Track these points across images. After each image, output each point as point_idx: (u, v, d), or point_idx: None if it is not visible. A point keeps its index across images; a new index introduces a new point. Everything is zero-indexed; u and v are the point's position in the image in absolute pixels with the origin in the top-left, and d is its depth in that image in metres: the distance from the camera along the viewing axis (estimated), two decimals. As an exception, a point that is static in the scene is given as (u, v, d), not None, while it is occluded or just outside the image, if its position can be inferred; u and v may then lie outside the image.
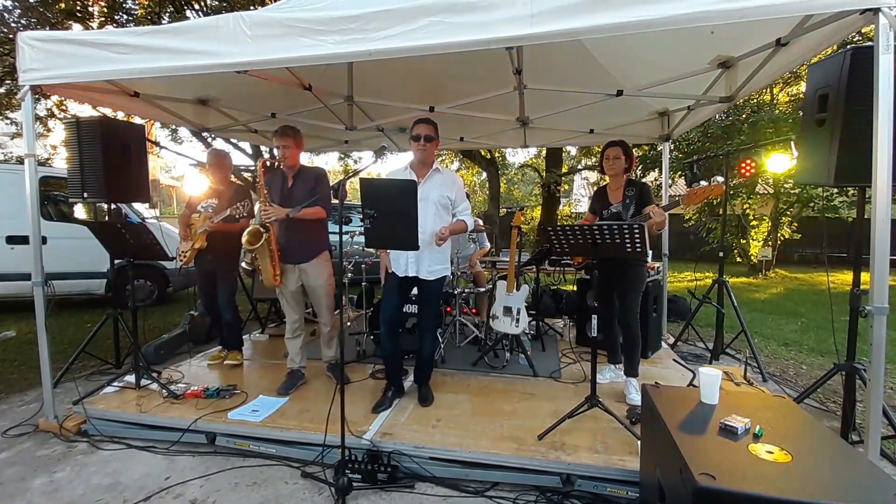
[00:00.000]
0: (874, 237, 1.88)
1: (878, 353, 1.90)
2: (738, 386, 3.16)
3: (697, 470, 1.22)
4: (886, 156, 1.85)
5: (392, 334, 2.87)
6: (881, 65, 1.84)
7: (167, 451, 2.64)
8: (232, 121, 4.48)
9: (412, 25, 2.14)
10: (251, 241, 2.89)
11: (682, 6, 1.90)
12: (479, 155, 14.06)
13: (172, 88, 3.79)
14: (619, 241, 2.31)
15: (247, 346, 4.30)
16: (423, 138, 2.73)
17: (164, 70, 2.48)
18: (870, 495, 1.14)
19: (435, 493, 2.24)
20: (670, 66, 3.47)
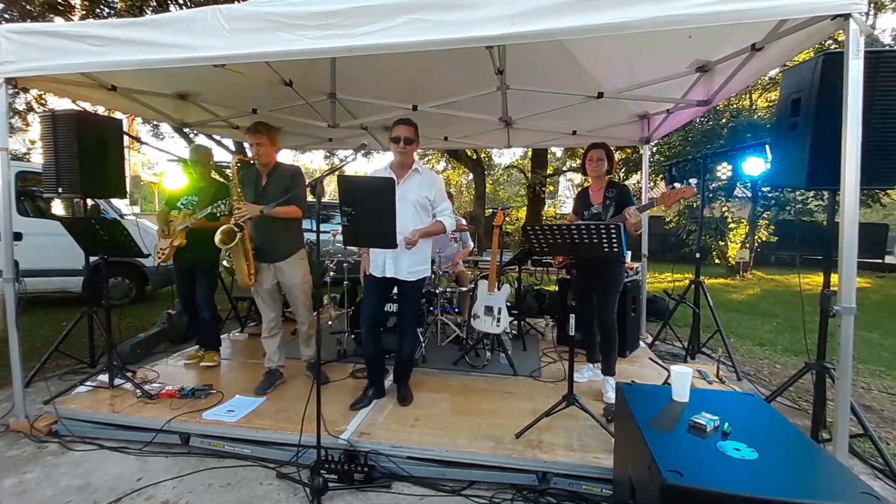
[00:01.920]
0: (842, 240, 1.93)
1: (846, 352, 1.95)
2: (711, 384, 3.22)
3: (666, 467, 1.23)
4: (854, 160, 1.90)
5: (373, 335, 2.85)
6: (851, 69, 1.89)
7: (140, 452, 2.58)
8: (212, 116, 4.40)
9: (392, 22, 2.13)
10: (225, 241, 2.83)
11: (659, 9, 1.93)
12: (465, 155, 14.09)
13: (151, 82, 3.71)
14: (596, 241, 2.33)
15: (226, 345, 4.24)
16: (403, 140, 2.70)
17: (139, 63, 2.43)
18: (834, 493, 1.17)
19: (412, 493, 2.23)
20: (650, 69, 3.53)
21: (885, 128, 2.28)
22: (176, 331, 4.53)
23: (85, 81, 3.20)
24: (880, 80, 2.25)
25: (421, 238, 2.68)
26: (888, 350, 5.39)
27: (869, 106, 2.24)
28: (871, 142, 2.24)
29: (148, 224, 6.42)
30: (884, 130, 2.28)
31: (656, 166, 12.03)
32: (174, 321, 4.53)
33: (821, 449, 1.40)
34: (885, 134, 2.29)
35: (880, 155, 2.31)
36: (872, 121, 2.25)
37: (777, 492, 1.15)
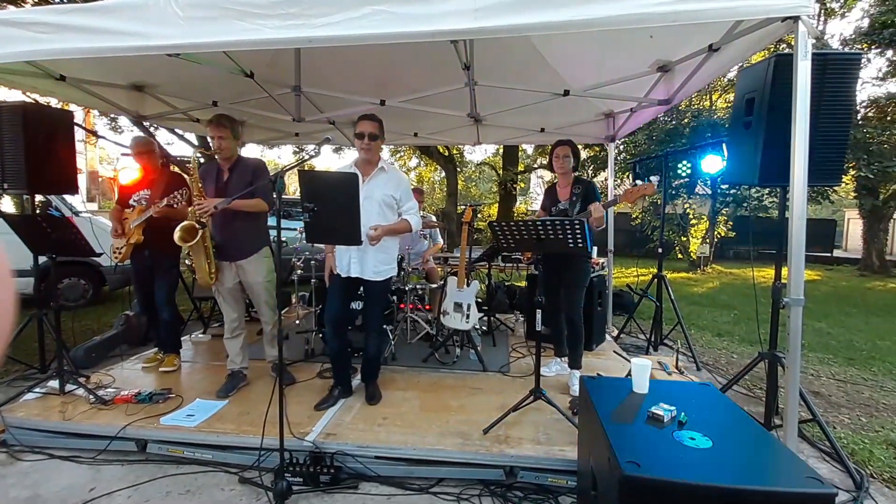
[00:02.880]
0: (791, 234, 2.01)
1: (795, 341, 2.04)
2: (670, 375, 3.32)
3: (624, 458, 1.26)
4: (802, 158, 1.99)
5: (338, 334, 2.80)
6: (799, 70, 1.97)
7: (93, 461, 2.45)
8: (170, 108, 4.22)
9: (355, 13, 2.08)
10: (185, 238, 2.71)
11: (620, 7, 1.96)
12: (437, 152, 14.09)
13: (103, 72, 3.53)
14: (561, 236, 2.36)
15: (187, 347, 4.08)
16: (368, 136, 2.64)
17: (88, 51, 2.29)
18: (783, 478, 1.22)
19: (379, 493, 2.21)
20: (614, 68, 3.60)
21: (832, 128, 2.41)
22: (134, 333, 4.34)
23: (31, 71, 3.01)
24: (827, 82, 2.36)
25: (385, 235, 2.64)
26: (836, 339, 5.71)
27: (817, 107, 2.35)
28: (818, 141, 2.36)
29: (105, 222, 6.11)
30: (830, 130, 2.41)
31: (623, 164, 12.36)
32: (132, 323, 4.34)
33: (770, 436, 1.46)
34: (832, 134, 2.41)
35: (827, 153, 2.43)
36: (820, 121, 2.37)
37: (729, 479, 1.19)
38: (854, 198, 12.54)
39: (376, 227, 2.57)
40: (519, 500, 2.14)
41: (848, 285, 10.90)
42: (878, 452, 2.65)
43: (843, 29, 30.97)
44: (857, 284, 11.07)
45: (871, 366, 4.59)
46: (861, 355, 4.96)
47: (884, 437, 2.90)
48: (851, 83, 2.37)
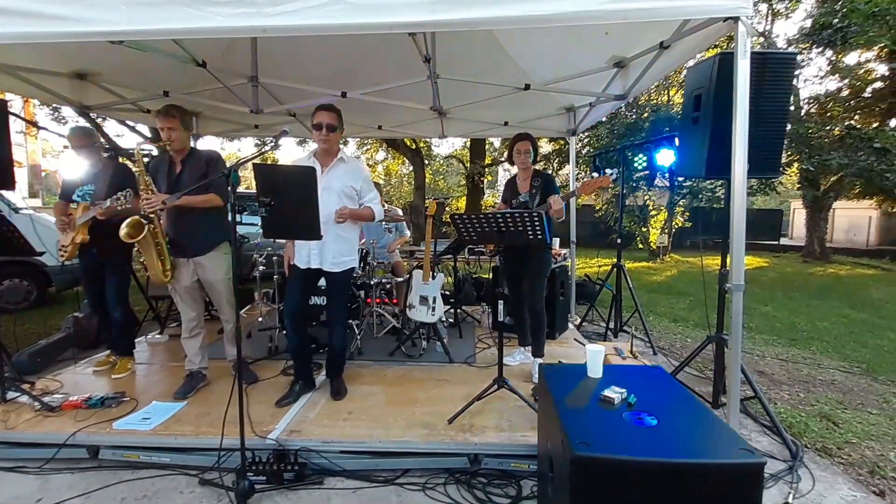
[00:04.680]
0: (732, 224, 2.13)
1: (737, 324, 2.17)
2: (625, 359, 3.46)
3: (576, 439, 1.32)
4: (742, 151, 2.11)
5: (297, 327, 2.76)
6: (739, 68, 2.08)
7: (40, 471, 2.33)
8: (117, 98, 4.00)
9: (312, 3, 2.04)
10: (131, 234, 2.59)
11: (573, 4, 2.01)
12: (403, 145, 13.97)
13: (39, 58, 3.29)
14: (521, 228, 2.41)
15: (143, 349, 3.93)
16: (326, 127, 2.60)
17: (18, 36, 2.13)
18: (720, 451, 1.31)
19: (345, 487, 2.21)
20: (573, 63, 3.68)
21: (770, 123, 2.56)
22: (84, 336, 4.12)
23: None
24: (766, 81, 2.50)
25: (351, 218, 2.62)
26: (780, 321, 6.09)
27: (757, 104, 2.49)
28: (758, 136, 2.50)
29: (48, 218, 5.75)
30: (769, 125, 2.56)
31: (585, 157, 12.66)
32: (82, 325, 4.12)
33: (711, 413, 1.56)
34: (770, 129, 2.56)
35: (766, 147, 2.59)
36: (760, 117, 2.51)
37: (670, 455, 1.27)
38: (797, 189, 13.33)
39: (343, 207, 2.56)
40: (483, 486, 2.19)
41: (792, 271, 11.63)
42: (813, 424, 2.87)
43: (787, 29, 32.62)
44: (801, 270, 11.83)
45: (810, 345, 4.93)
46: (802, 336, 5.32)
47: (818, 410, 3.14)
48: (788, 81, 2.52)
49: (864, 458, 2.51)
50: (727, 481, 1.23)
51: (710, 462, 1.24)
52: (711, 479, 1.23)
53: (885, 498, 2.17)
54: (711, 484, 1.23)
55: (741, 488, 1.22)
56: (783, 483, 2.24)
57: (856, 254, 15.00)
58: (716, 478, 1.23)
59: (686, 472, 1.23)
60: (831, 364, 4.32)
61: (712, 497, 1.23)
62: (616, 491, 1.26)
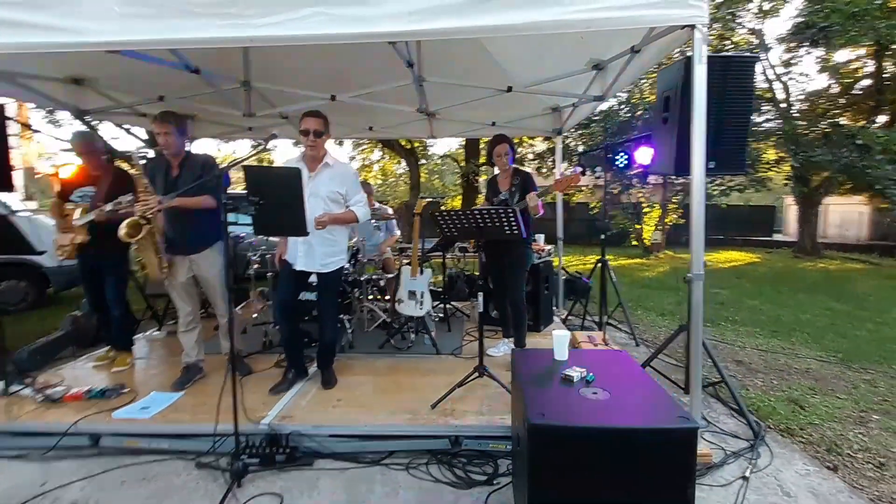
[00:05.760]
0: (692, 218, 2.28)
1: (697, 311, 2.31)
2: (597, 346, 3.59)
3: (534, 411, 1.46)
4: (700, 150, 2.25)
5: (287, 318, 2.90)
6: (696, 73, 2.22)
7: (43, 458, 2.47)
8: (113, 103, 4.12)
9: (295, 14, 2.17)
10: (131, 234, 2.73)
11: (542, 14, 2.14)
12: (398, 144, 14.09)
13: (36, 64, 3.42)
14: (497, 224, 2.55)
15: (142, 345, 4.06)
16: (312, 133, 2.71)
17: (19, 46, 2.26)
18: (661, 418, 1.46)
19: (333, 468, 2.35)
20: (554, 66, 3.81)
21: (734, 122, 2.70)
22: (83, 334, 4.24)
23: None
24: (729, 82, 2.65)
25: (331, 223, 2.75)
26: (765, 314, 6.25)
27: (722, 103, 2.64)
28: (723, 134, 2.65)
29: (45, 220, 5.86)
30: (733, 124, 2.70)
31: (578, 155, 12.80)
32: (81, 323, 4.24)
33: (660, 388, 1.70)
34: (734, 127, 2.70)
35: (732, 145, 2.73)
36: (724, 116, 2.66)
37: (616, 421, 1.41)
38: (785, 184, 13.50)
39: (324, 214, 2.69)
40: (463, 465, 2.33)
41: (783, 266, 11.80)
42: (780, 408, 3.02)
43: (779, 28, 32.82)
44: (791, 265, 12.00)
45: (791, 336, 5.09)
46: (785, 328, 5.47)
47: (788, 395, 3.29)
48: (749, 82, 2.67)
49: (824, 437, 2.67)
50: (665, 444, 1.37)
51: (649, 427, 1.38)
52: (651, 441, 1.38)
53: (838, 472, 2.32)
54: (651, 445, 1.38)
55: (677, 449, 1.36)
56: (743, 460, 2.39)
57: (847, 249, 15.19)
58: (655, 440, 1.38)
59: (628, 435, 1.37)
60: (809, 354, 4.48)
61: (652, 456, 1.38)
62: (569, 454, 1.40)
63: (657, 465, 1.38)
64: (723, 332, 5.29)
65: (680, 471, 1.38)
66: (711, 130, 2.64)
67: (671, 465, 1.38)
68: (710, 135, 2.63)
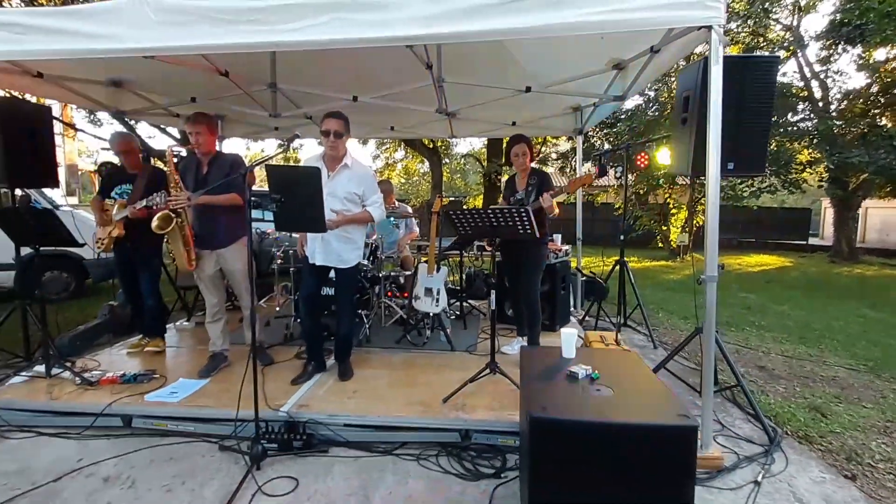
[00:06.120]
0: (707, 218, 2.26)
1: (710, 314, 2.30)
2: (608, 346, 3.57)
3: (536, 405, 1.50)
4: (716, 151, 2.23)
5: (310, 313, 3.03)
6: (712, 74, 2.21)
7: (80, 436, 2.64)
8: (149, 104, 4.34)
9: (317, 20, 2.26)
10: (161, 226, 2.91)
11: (557, 16, 2.16)
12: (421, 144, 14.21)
13: (81, 69, 3.63)
14: (511, 223, 2.59)
15: (173, 334, 4.27)
16: (333, 134, 2.81)
17: (65, 52, 2.44)
18: (660, 415, 1.48)
19: (347, 455, 2.45)
20: (575, 66, 3.81)
21: (754, 123, 2.66)
22: (119, 322, 4.48)
23: (8, 68, 3.13)
24: (750, 82, 2.61)
25: (343, 223, 2.84)
26: (793, 320, 6.06)
27: (742, 104, 2.61)
28: (743, 135, 2.62)
29: (86, 215, 6.20)
30: (753, 125, 2.66)
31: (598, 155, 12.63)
32: (117, 313, 4.48)
33: (664, 387, 1.71)
34: (754, 128, 2.66)
35: (752, 146, 2.69)
36: (745, 117, 2.63)
37: (616, 417, 1.44)
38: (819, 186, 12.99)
39: (339, 213, 2.79)
40: (471, 458, 2.39)
41: (817, 271, 11.37)
42: (800, 415, 2.96)
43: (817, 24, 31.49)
44: (826, 270, 11.56)
45: (820, 343, 4.93)
46: (814, 334, 5.30)
47: (810, 402, 3.21)
48: (770, 83, 2.62)
49: (845, 446, 2.60)
50: (663, 440, 1.40)
51: (647, 423, 1.41)
52: (650, 437, 1.40)
53: (856, 481, 2.27)
54: (650, 442, 1.40)
55: (675, 447, 1.38)
56: (757, 464, 2.36)
57: (888, 254, 14.51)
58: (653, 437, 1.40)
59: (626, 431, 1.40)
60: (837, 362, 4.34)
61: (651, 453, 1.40)
62: (568, 448, 1.44)
63: (656, 462, 1.40)
64: (747, 337, 5.17)
65: (679, 469, 1.39)
66: (731, 131, 2.61)
67: (670, 462, 1.39)
68: (730, 136, 2.61)
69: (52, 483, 2.22)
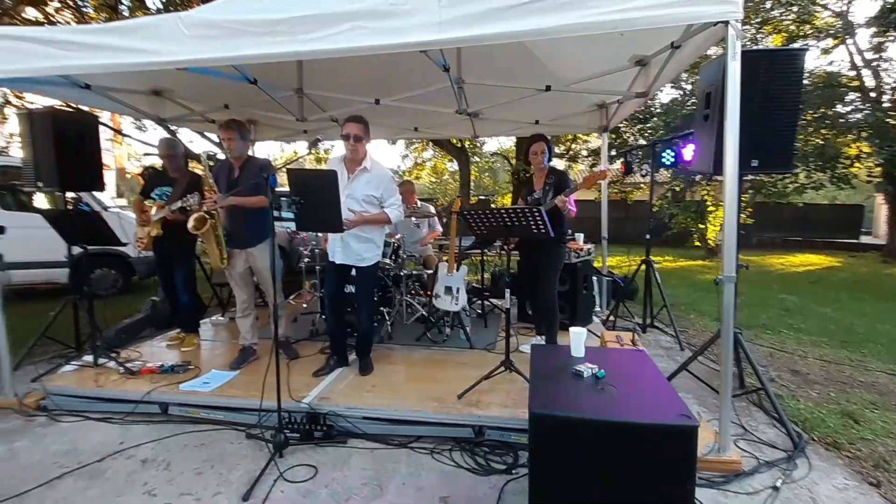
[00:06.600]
0: (725, 217, 2.22)
1: (728, 315, 2.25)
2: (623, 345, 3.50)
3: (539, 401, 1.54)
4: (733, 148, 2.19)
5: (333, 310, 3.17)
6: (729, 70, 2.16)
7: (122, 421, 2.86)
8: (187, 111, 4.60)
9: (336, 29, 2.36)
10: (196, 227, 3.11)
11: (569, 17, 2.17)
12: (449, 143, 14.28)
13: (124, 80, 3.89)
14: (524, 223, 2.61)
15: (207, 329, 4.51)
16: (353, 138, 2.91)
17: (108, 67, 2.64)
18: (661, 414, 1.48)
19: (364, 447, 2.55)
20: (597, 62, 3.78)
21: (781, 117, 2.58)
22: (160, 316, 4.77)
23: (60, 81, 3.39)
24: (776, 76, 2.53)
25: (360, 224, 2.93)
26: (836, 323, 5.77)
27: (767, 99, 2.54)
28: (769, 130, 2.55)
29: (131, 216, 6.60)
30: (779, 120, 2.58)
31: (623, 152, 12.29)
32: (158, 308, 4.77)
33: (670, 387, 1.70)
34: (780, 124, 2.58)
35: (778, 142, 2.61)
36: (771, 112, 2.55)
37: (616, 415, 1.46)
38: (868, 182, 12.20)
39: (357, 214, 2.89)
40: (484, 454, 2.44)
41: (867, 271, 10.74)
42: (830, 420, 2.84)
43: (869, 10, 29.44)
44: (877, 270, 10.89)
45: (862, 348, 4.69)
46: (857, 338, 5.05)
47: (843, 408, 3.08)
48: (797, 77, 2.54)
49: (874, 453, 2.49)
50: (663, 439, 1.40)
51: (646, 422, 1.41)
52: (648, 436, 1.40)
53: (881, 488, 2.17)
54: (649, 441, 1.40)
55: (675, 447, 1.38)
56: (777, 470, 2.30)
57: (947, 254, 13.47)
58: (652, 436, 1.40)
59: (625, 429, 1.41)
60: (880, 367, 4.12)
61: (650, 451, 1.41)
62: (568, 445, 1.46)
63: (655, 461, 1.41)
64: (784, 340, 4.98)
65: (678, 469, 1.39)
66: (755, 127, 2.55)
67: (669, 462, 1.40)
68: (754, 132, 2.55)
69: (97, 463, 2.43)
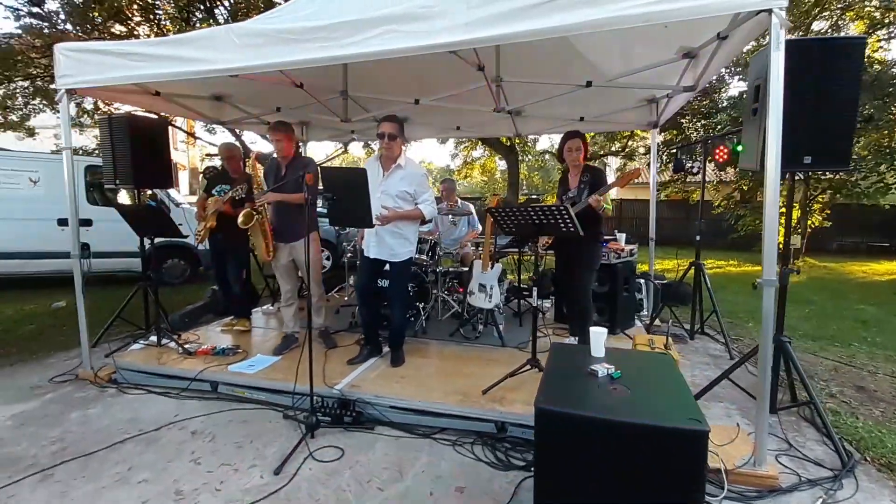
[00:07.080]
0: (765, 219, 2.09)
1: (767, 320, 2.12)
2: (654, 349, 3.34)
3: (545, 396, 1.54)
4: (775, 144, 2.05)
5: (365, 302, 3.32)
6: (772, 61, 2.03)
7: (178, 396, 3.17)
8: (244, 114, 4.94)
9: (371, 33, 2.47)
10: (245, 222, 3.38)
11: (598, 11, 2.14)
12: (498, 142, 14.22)
13: (189, 87, 4.26)
14: (553, 221, 2.59)
15: (259, 317, 4.84)
16: (387, 136, 3.03)
17: (171, 75, 2.92)
18: (671, 418, 1.43)
19: (390, 434, 2.65)
20: (643, 56, 3.64)
21: (837, 111, 2.38)
22: (219, 304, 5.16)
23: (132, 89, 3.78)
24: (832, 67, 2.34)
25: (394, 219, 3.03)
26: (920, 337, 5.20)
27: (820, 92, 2.36)
28: (824, 125, 2.36)
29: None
30: (836, 113, 2.38)
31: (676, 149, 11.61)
32: (217, 296, 5.18)
33: (687, 391, 1.63)
34: (836, 118, 2.38)
35: (833, 137, 2.42)
36: (826, 105, 2.37)
37: (623, 416, 1.43)
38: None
39: (390, 210, 2.99)
40: (505, 450, 2.46)
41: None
42: (889, 441, 2.59)
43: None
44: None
45: (950, 366, 4.19)
46: (944, 356, 4.52)
47: (908, 429, 2.79)
48: (856, 67, 2.33)
49: (937, 480, 2.24)
50: (671, 443, 1.36)
51: (653, 424, 1.38)
52: (655, 439, 1.37)
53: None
54: (655, 443, 1.37)
55: (683, 451, 1.34)
56: (819, 489, 2.14)
57: None
58: (659, 439, 1.37)
59: (631, 430, 1.38)
60: (969, 388, 3.68)
61: (657, 455, 1.37)
62: (573, 442, 1.46)
63: (662, 465, 1.37)
64: (854, 353, 4.56)
65: (685, 475, 1.35)
66: (808, 122, 2.38)
67: (677, 467, 1.35)
68: (807, 127, 2.38)
69: (154, 431, 2.71)
